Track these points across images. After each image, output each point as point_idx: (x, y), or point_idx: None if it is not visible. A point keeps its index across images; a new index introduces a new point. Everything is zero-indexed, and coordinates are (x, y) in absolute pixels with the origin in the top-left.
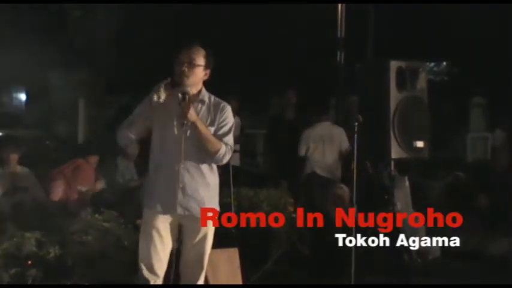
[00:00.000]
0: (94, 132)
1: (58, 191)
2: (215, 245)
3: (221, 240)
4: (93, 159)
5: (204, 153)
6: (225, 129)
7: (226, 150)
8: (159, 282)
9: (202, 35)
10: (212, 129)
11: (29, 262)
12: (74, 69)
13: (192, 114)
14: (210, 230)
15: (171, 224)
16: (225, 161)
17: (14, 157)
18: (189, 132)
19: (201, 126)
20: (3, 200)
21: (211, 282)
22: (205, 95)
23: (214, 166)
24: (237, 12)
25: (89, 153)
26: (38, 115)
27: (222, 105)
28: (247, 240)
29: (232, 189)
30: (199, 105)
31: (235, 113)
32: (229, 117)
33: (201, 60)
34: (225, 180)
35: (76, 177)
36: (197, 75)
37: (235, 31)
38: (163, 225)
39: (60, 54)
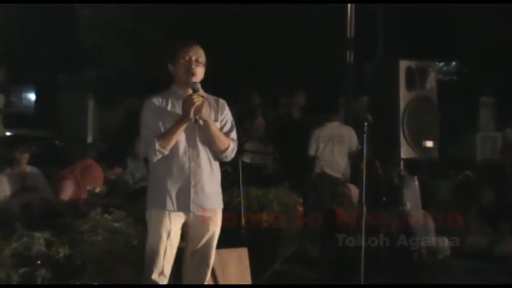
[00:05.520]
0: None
1: (67, 191)
2: (224, 245)
3: (230, 240)
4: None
5: (212, 150)
6: (229, 125)
7: (234, 146)
8: (167, 282)
9: (210, 35)
10: (217, 124)
11: (39, 262)
12: (83, 69)
13: (206, 111)
14: (217, 227)
15: (181, 224)
16: (231, 158)
17: (25, 157)
18: (198, 129)
19: (212, 124)
20: (12, 200)
21: (221, 282)
22: (203, 93)
23: (217, 162)
24: (246, 12)
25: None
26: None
27: (220, 101)
28: (257, 240)
29: (241, 188)
30: None
31: (257, 108)
32: (228, 113)
33: (204, 59)
34: (234, 179)
35: (85, 177)
36: (201, 73)
37: (243, 31)
38: (174, 226)
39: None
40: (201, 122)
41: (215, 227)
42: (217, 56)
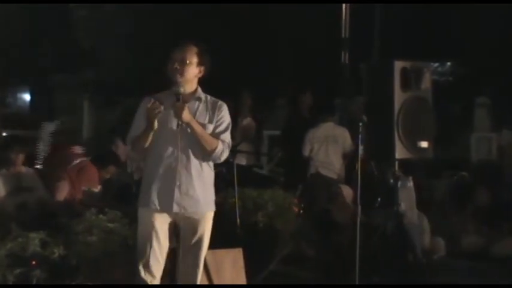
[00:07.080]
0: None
1: (63, 192)
2: (219, 246)
3: (225, 240)
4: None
5: (201, 151)
6: (222, 127)
7: (223, 147)
8: (156, 282)
9: (210, 35)
10: (211, 126)
11: (34, 262)
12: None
13: (186, 115)
14: (206, 230)
15: (168, 224)
16: (222, 159)
17: (20, 157)
18: (181, 132)
19: (196, 127)
20: (8, 200)
21: (216, 282)
22: (201, 93)
23: (211, 164)
24: (245, 12)
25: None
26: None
27: (219, 103)
28: (252, 240)
29: (236, 189)
30: (196, 103)
31: (249, 110)
32: (226, 115)
33: (193, 58)
34: (229, 180)
35: (81, 177)
36: (190, 73)
37: (240, 31)
38: (160, 225)
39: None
40: (184, 125)
41: (203, 230)
42: (214, 56)
